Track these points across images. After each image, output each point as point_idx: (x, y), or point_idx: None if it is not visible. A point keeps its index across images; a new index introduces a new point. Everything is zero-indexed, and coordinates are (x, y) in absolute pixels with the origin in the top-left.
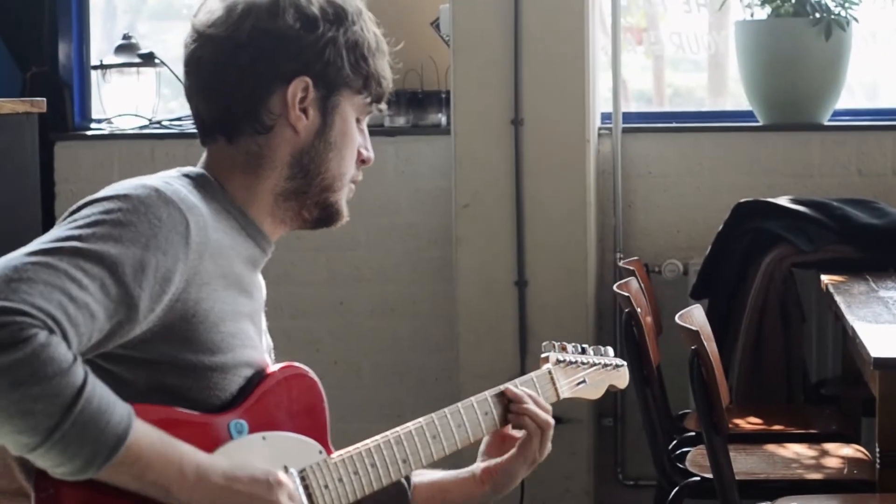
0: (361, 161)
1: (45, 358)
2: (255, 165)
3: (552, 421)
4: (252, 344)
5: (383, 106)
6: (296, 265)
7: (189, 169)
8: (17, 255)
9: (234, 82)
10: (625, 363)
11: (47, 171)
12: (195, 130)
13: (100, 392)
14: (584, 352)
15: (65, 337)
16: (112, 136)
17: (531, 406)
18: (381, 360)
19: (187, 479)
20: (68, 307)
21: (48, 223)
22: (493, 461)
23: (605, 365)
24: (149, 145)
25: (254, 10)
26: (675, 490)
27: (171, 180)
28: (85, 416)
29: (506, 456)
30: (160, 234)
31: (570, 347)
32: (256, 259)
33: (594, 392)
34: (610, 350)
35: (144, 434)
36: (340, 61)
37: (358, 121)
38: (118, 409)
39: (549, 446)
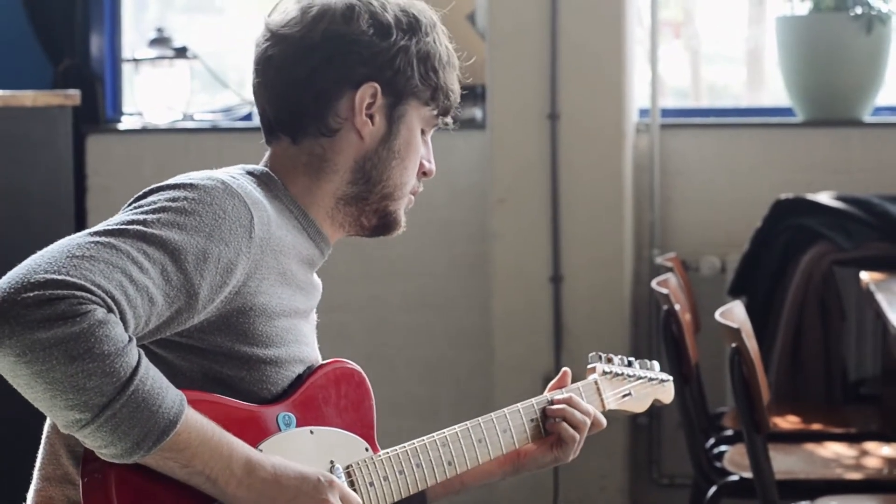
0: (423, 173)
1: (101, 335)
2: (317, 167)
3: (588, 423)
4: (306, 341)
5: (449, 120)
6: (330, 259)
7: (253, 167)
8: (80, 235)
9: (303, 83)
10: (671, 378)
11: (79, 165)
12: (228, 125)
13: (153, 375)
14: (630, 364)
15: (122, 317)
16: (144, 131)
17: (569, 409)
18: (415, 355)
19: (235, 472)
20: (128, 289)
21: (80, 217)
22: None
23: (651, 379)
24: (182, 139)
25: (328, 13)
26: (713, 489)
27: (237, 175)
28: (137, 398)
29: (539, 447)
30: (224, 225)
31: (616, 359)
32: (314, 260)
33: (639, 405)
34: (656, 364)
35: (195, 422)
36: (410, 71)
37: (423, 132)
38: (171, 394)
39: (580, 448)
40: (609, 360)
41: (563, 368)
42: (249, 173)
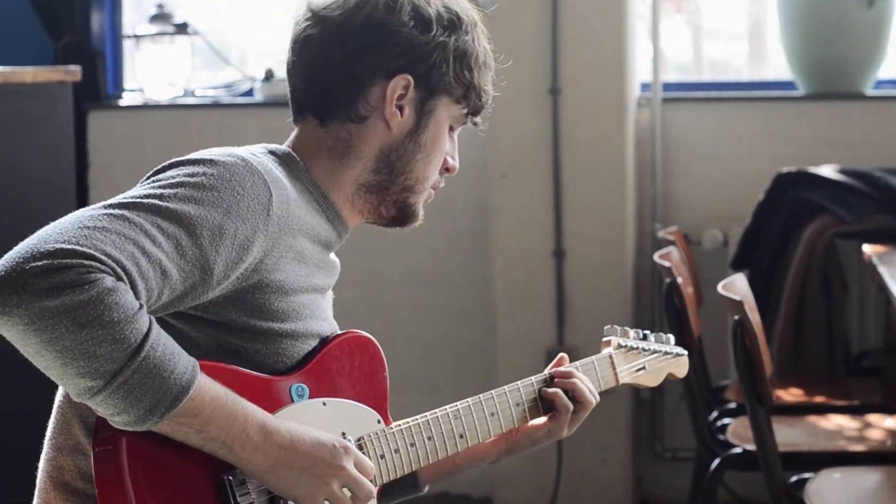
0: (446, 169)
1: (110, 302)
2: (341, 152)
3: (594, 401)
4: (323, 316)
5: (479, 119)
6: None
7: (276, 146)
8: (94, 207)
9: (338, 67)
10: (686, 352)
11: (80, 142)
12: (229, 101)
13: (164, 342)
14: (645, 338)
15: (133, 287)
16: (145, 107)
17: (578, 381)
18: (416, 331)
19: (251, 437)
20: (139, 260)
21: (81, 193)
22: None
23: (667, 353)
24: (183, 115)
25: (372, 0)
26: (716, 462)
27: (258, 153)
28: (149, 364)
29: (533, 422)
30: (242, 202)
31: (631, 333)
32: (331, 242)
33: (653, 379)
34: (671, 338)
35: (209, 388)
36: (445, 67)
37: (451, 129)
38: (182, 360)
39: (576, 426)
40: (625, 334)
41: (560, 354)
42: (271, 152)
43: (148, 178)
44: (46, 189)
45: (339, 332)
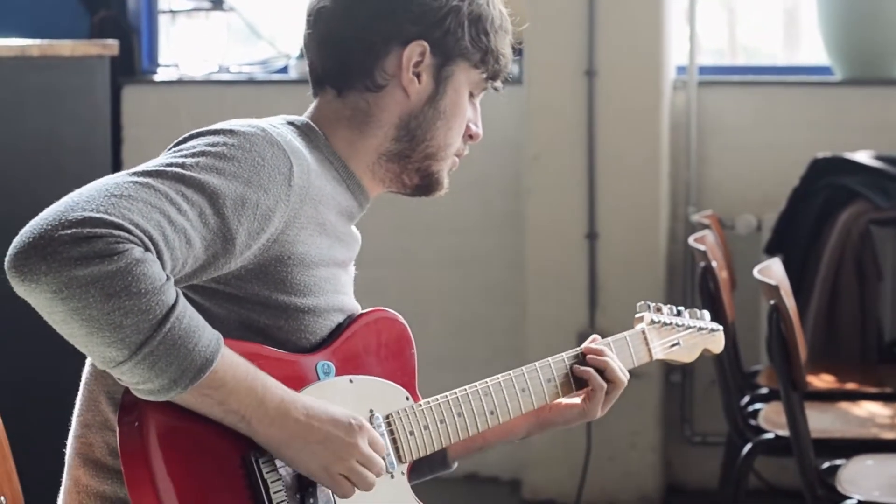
0: (469, 136)
1: (138, 273)
2: (361, 122)
3: (626, 380)
4: (345, 291)
5: (499, 84)
6: (363, 214)
7: (295, 117)
8: (119, 174)
9: (353, 37)
10: (721, 328)
11: (115, 116)
12: (264, 77)
13: (190, 314)
14: (679, 314)
15: (160, 257)
16: (180, 82)
17: (610, 359)
18: (449, 311)
19: (268, 411)
20: (166, 229)
21: (116, 168)
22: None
23: (701, 329)
24: (217, 91)
25: None
26: (748, 447)
27: (278, 124)
28: (174, 335)
29: (565, 400)
30: (263, 172)
31: (665, 309)
32: (353, 212)
33: (688, 355)
34: (706, 314)
35: (231, 361)
36: (461, 32)
37: (472, 95)
38: (207, 332)
39: (609, 406)
40: (658, 310)
41: (593, 336)
42: (291, 123)
43: (170, 148)
44: (82, 162)
45: (365, 310)
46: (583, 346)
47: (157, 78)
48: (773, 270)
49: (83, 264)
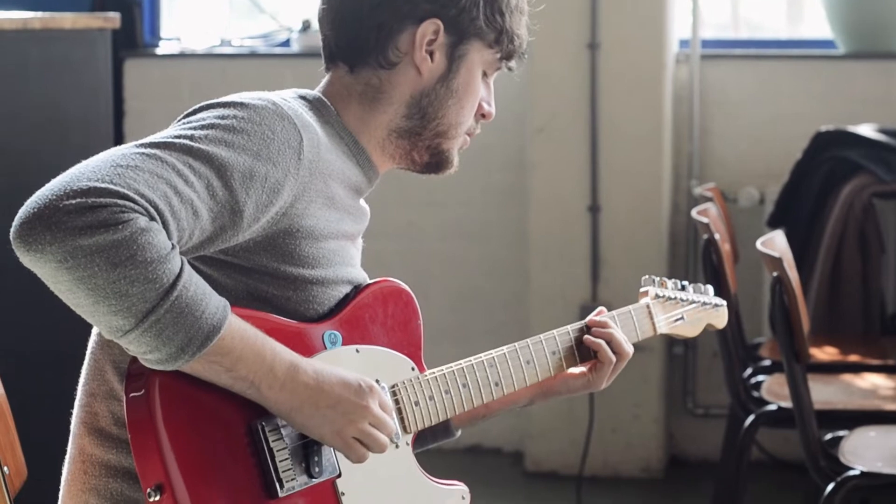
0: (481, 115)
1: (143, 242)
2: (372, 98)
3: (631, 352)
4: (353, 263)
5: (513, 64)
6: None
7: (306, 91)
8: (126, 146)
9: (367, 13)
10: (724, 303)
11: (117, 89)
12: (266, 51)
13: (196, 282)
14: (683, 289)
15: (165, 227)
16: (182, 56)
17: (616, 331)
18: (451, 284)
19: (277, 376)
20: (172, 199)
21: (118, 141)
22: None
23: (705, 304)
24: (219, 65)
25: None
26: (750, 418)
27: (289, 98)
28: (180, 304)
29: (571, 370)
30: (272, 145)
31: (669, 283)
32: (362, 187)
33: (692, 330)
34: (710, 289)
35: (239, 328)
36: (476, 11)
37: (485, 74)
38: (214, 300)
39: (613, 378)
40: (662, 284)
41: (599, 308)
42: (302, 97)
43: (179, 119)
44: (85, 134)
45: (371, 280)
46: (588, 318)
47: (158, 51)
48: (776, 242)
49: (88, 233)
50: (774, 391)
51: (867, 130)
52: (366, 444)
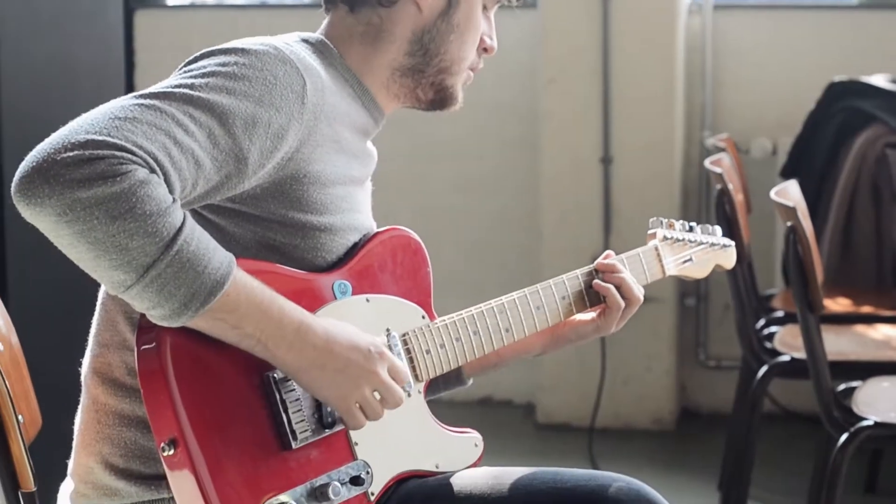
0: (484, 49)
1: (142, 195)
2: (374, 37)
3: (641, 297)
4: (361, 209)
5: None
6: (377, 139)
7: (309, 34)
8: (125, 98)
9: None
10: (733, 243)
11: (127, 41)
12: (277, 2)
13: (199, 236)
14: (691, 230)
15: (166, 179)
16: (193, 7)
17: (626, 275)
18: (463, 235)
19: (286, 335)
20: (172, 150)
21: (129, 93)
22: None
23: (713, 244)
24: (230, 16)
25: None
26: (763, 369)
27: (291, 42)
28: (182, 258)
29: (580, 316)
30: (275, 91)
31: (677, 225)
32: (368, 129)
33: (700, 271)
34: (718, 229)
35: (245, 284)
36: None
37: (485, 8)
38: (218, 255)
39: (623, 323)
40: (670, 226)
41: (607, 251)
42: (304, 41)
43: (180, 68)
44: (95, 86)
45: (380, 229)
46: (596, 262)
47: (169, 2)
48: (789, 192)
49: (86, 186)
50: (787, 342)
51: (881, 81)
52: (365, 412)
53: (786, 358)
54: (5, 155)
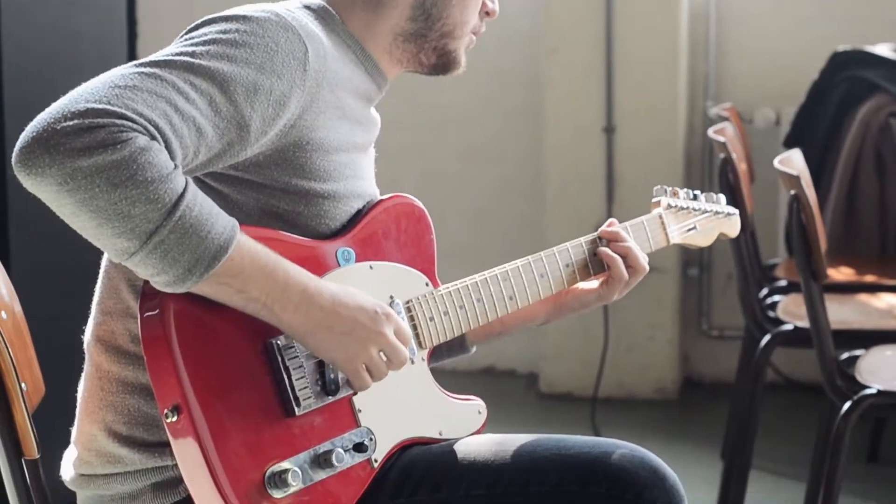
0: (486, 13)
1: (143, 162)
2: (376, 3)
3: (647, 267)
4: (364, 175)
5: None
6: (380, 107)
7: (311, 1)
8: (125, 66)
9: None
10: (737, 211)
11: (131, 11)
12: None
13: (202, 202)
14: (695, 198)
15: (168, 146)
16: None
17: (631, 244)
18: (465, 204)
19: (291, 298)
20: (172, 117)
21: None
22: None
23: (717, 212)
24: None
25: None
26: (766, 338)
27: (293, 8)
28: (185, 223)
29: (584, 284)
30: (276, 57)
31: (681, 193)
32: (371, 94)
33: (704, 239)
34: (722, 198)
35: (249, 248)
36: None
37: None
38: (221, 219)
39: (627, 291)
40: (675, 194)
41: (610, 219)
42: (306, 7)
43: (182, 35)
44: (98, 57)
45: (384, 196)
46: (600, 230)
47: None
48: (793, 161)
49: (86, 155)
50: (790, 311)
51: (885, 50)
52: (371, 373)
53: (789, 327)
54: (7, 124)
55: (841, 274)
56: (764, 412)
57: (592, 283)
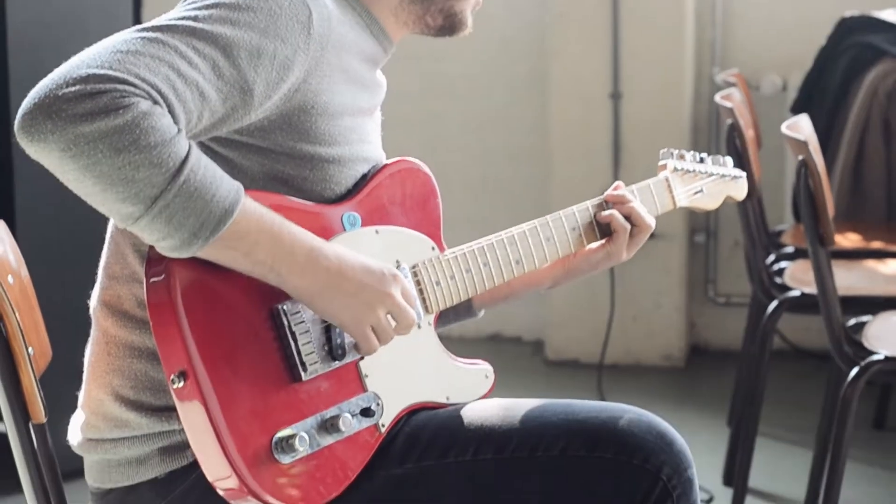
0: None
1: (146, 126)
2: None
3: (653, 224)
4: (370, 139)
5: None
6: (387, 76)
7: None
8: (127, 31)
9: None
10: (744, 174)
11: None
12: None
13: (206, 165)
14: (702, 161)
15: (171, 111)
16: None
17: (636, 203)
18: (472, 172)
19: (297, 260)
20: (175, 82)
21: None
22: None
23: (724, 175)
24: None
25: None
26: (773, 304)
27: None
28: (189, 187)
29: (590, 245)
30: (280, 21)
31: (688, 156)
32: (377, 58)
33: (711, 202)
34: (729, 160)
35: (254, 211)
36: None
37: None
38: (226, 183)
39: (635, 250)
40: (681, 157)
41: (616, 182)
42: None
43: (184, 0)
44: (104, 24)
45: (389, 160)
46: (606, 193)
47: None
48: (801, 126)
49: (88, 120)
50: (798, 277)
51: (892, 16)
52: (379, 336)
53: (796, 293)
54: (12, 90)
55: (848, 240)
56: (771, 379)
57: (598, 244)
